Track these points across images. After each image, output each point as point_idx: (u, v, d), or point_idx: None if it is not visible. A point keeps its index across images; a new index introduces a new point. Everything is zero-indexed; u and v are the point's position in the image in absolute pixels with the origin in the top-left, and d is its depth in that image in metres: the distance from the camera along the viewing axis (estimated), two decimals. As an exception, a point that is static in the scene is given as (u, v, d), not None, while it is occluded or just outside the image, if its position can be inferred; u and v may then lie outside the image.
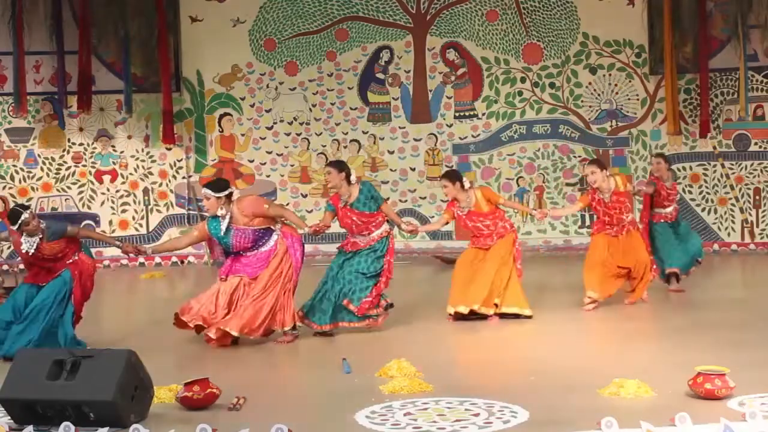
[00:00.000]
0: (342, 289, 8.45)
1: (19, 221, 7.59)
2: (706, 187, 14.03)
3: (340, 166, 8.63)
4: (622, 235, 9.52)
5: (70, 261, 7.86)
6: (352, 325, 8.50)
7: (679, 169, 14.25)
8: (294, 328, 8.26)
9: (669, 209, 10.52)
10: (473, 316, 8.86)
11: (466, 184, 8.99)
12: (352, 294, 8.42)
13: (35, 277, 7.94)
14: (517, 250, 9.07)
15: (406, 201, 14.51)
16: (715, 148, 14.30)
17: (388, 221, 8.71)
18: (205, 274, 13.71)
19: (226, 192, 8.05)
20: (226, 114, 14.72)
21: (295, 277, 8.20)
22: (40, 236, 7.66)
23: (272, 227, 8.19)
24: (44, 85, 14.34)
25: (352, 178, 8.53)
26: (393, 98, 14.74)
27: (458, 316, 8.88)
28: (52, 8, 14.02)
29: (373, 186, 8.86)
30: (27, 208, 7.82)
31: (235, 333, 7.93)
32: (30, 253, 7.69)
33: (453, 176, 9.09)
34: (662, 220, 10.46)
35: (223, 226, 8.04)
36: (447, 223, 9.36)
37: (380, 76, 14.73)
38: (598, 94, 14.57)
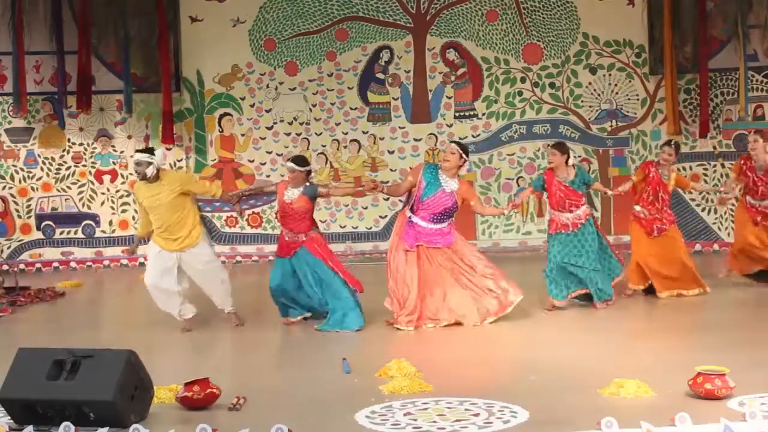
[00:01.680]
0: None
1: (308, 167, 8.92)
2: (707, 187, 13.99)
3: (562, 148, 9.43)
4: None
5: (305, 238, 8.69)
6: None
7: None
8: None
9: None
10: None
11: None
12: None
13: (282, 249, 8.83)
14: None
15: (406, 201, 14.46)
16: (715, 148, 14.30)
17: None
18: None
19: (467, 159, 8.91)
20: (226, 114, 14.70)
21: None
22: (302, 190, 8.74)
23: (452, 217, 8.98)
24: (44, 85, 14.33)
25: (570, 161, 9.41)
26: (393, 98, 14.72)
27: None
28: (52, 8, 14.00)
29: (586, 172, 9.94)
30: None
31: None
32: (287, 202, 8.72)
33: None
34: None
35: (444, 179, 8.76)
36: (633, 183, 9.91)
37: (380, 76, 14.72)
38: (598, 94, 14.57)
